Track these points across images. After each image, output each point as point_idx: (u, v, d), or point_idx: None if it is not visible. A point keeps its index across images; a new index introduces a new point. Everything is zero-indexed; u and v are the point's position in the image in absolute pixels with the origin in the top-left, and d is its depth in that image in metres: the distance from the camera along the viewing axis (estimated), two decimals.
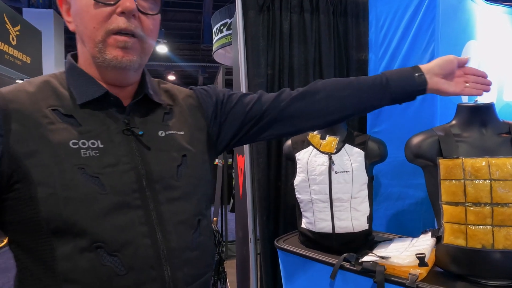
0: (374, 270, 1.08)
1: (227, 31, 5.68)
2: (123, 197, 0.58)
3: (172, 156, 0.66)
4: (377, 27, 1.59)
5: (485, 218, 0.98)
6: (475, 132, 1.07)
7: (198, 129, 0.75)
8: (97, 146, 0.59)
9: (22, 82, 0.64)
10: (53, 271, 0.55)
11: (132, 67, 0.63)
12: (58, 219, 0.54)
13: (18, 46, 4.22)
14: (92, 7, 0.59)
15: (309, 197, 1.37)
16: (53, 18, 6.95)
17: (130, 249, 0.57)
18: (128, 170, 0.60)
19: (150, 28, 0.64)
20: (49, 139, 0.56)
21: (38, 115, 0.58)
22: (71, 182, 0.55)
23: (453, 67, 0.81)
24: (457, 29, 1.48)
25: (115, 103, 0.64)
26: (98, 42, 0.60)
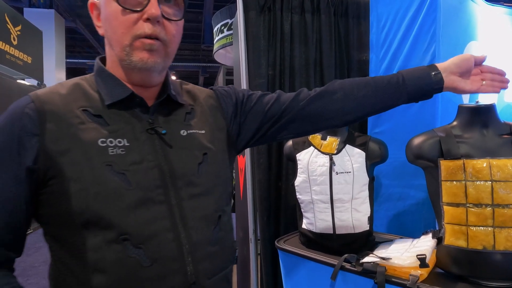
0: (375, 271, 1.08)
1: (228, 31, 5.67)
2: (147, 193, 0.62)
3: (193, 154, 0.69)
4: (378, 27, 1.59)
5: (486, 219, 0.98)
6: (476, 133, 1.07)
7: (218, 128, 0.77)
8: (123, 144, 0.63)
9: (55, 84, 0.68)
10: (84, 262, 0.58)
11: (157, 69, 0.66)
12: (88, 213, 0.58)
13: (19, 46, 4.22)
14: (120, 14, 0.63)
15: (310, 198, 1.37)
16: (54, 18, 6.97)
17: (154, 242, 0.60)
18: (152, 167, 0.64)
19: (173, 33, 0.67)
20: (80, 138, 0.60)
21: (70, 116, 0.62)
22: (100, 178, 0.59)
23: (469, 65, 0.81)
24: (458, 30, 1.48)
25: (140, 104, 0.67)
26: (125, 46, 0.63)
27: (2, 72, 3.92)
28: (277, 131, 0.82)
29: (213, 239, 0.67)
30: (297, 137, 0.92)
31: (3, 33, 3.92)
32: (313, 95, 0.81)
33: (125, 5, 0.62)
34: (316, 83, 1.87)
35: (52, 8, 7.01)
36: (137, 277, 0.59)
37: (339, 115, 0.81)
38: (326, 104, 0.80)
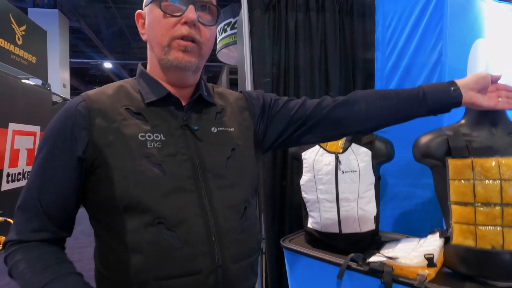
0: (382, 270, 1.07)
1: (231, 30, 5.66)
2: (180, 182, 0.68)
3: (222, 149, 0.76)
4: (384, 25, 1.58)
5: (495, 219, 0.97)
6: (484, 132, 1.06)
7: (246, 126, 0.84)
8: (160, 138, 0.70)
9: (104, 86, 0.77)
10: (124, 242, 0.65)
11: (191, 68, 0.73)
12: (129, 198, 0.65)
13: (24, 46, 4.24)
14: (162, 18, 0.71)
15: (316, 197, 1.36)
16: (58, 18, 6.99)
17: (185, 226, 0.66)
18: (185, 160, 0.71)
19: (208, 36, 0.75)
20: (123, 133, 0.68)
21: (115, 113, 0.70)
22: (139, 168, 0.66)
23: (487, 83, 0.86)
24: (465, 27, 1.46)
25: (175, 103, 0.75)
26: (164, 46, 0.72)
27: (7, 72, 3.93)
28: (301, 134, 0.87)
29: (239, 228, 0.72)
30: (321, 141, 0.97)
31: (8, 33, 3.94)
32: (337, 102, 0.86)
33: (166, 11, 0.71)
34: (321, 82, 1.87)
35: (56, 8, 7.03)
36: (170, 257, 0.65)
37: (362, 122, 0.86)
38: (349, 111, 0.86)
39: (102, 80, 13.58)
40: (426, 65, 1.42)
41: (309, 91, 1.85)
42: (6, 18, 3.81)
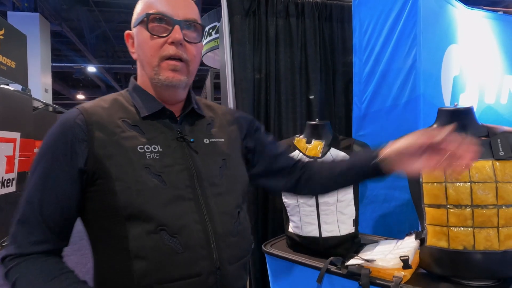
0: (359, 273, 1.09)
1: (216, 34, 5.66)
2: (179, 191, 0.72)
3: (215, 159, 0.80)
4: (361, 31, 1.61)
5: (466, 220, 1.00)
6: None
7: (234, 138, 0.88)
8: (158, 150, 0.73)
9: (97, 99, 0.79)
10: (126, 249, 0.67)
11: (181, 85, 0.77)
12: (132, 207, 0.68)
13: (2, 51, 4.14)
14: (149, 39, 0.75)
15: (296, 201, 1.37)
16: (39, 22, 6.85)
17: (186, 232, 0.69)
18: (182, 170, 0.74)
19: (194, 54, 0.78)
20: (123, 145, 0.71)
21: (113, 126, 0.73)
22: (141, 178, 0.69)
23: (418, 147, 0.74)
24: (438, 33, 1.51)
25: (170, 116, 0.79)
26: (154, 66, 0.76)
27: None
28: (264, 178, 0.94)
29: (234, 231, 0.76)
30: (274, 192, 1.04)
31: None
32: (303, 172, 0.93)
33: (153, 32, 0.75)
34: (302, 86, 1.89)
35: (37, 12, 6.89)
36: (172, 261, 0.68)
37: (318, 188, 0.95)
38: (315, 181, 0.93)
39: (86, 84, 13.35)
40: (401, 70, 1.46)
41: (290, 95, 1.86)
42: None
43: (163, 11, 0.75)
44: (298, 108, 1.86)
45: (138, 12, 0.79)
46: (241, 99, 1.79)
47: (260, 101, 1.85)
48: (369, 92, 1.58)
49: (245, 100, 1.79)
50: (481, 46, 1.72)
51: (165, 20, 0.75)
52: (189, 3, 0.80)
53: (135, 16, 0.80)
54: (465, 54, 1.63)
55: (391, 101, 1.50)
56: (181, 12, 0.76)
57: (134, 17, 0.80)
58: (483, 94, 1.73)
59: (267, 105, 1.86)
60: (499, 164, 1.00)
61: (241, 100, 1.79)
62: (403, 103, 1.46)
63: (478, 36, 1.71)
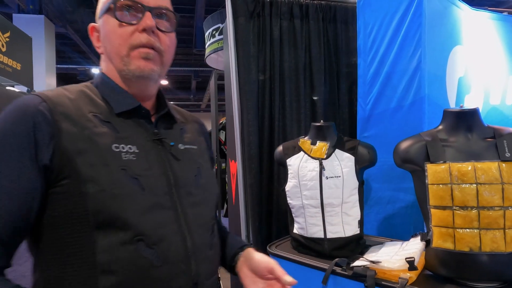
0: (365, 274, 1.09)
1: (219, 35, 5.68)
2: (158, 198, 0.65)
3: (190, 167, 0.75)
4: (365, 33, 1.61)
5: (472, 222, 1.00)
6: (461, 137, 1.09)
7: (204, 148, 0.85)
8: (134, 151, 0.66)
9: (58, 89, 0.68)
10: (91, 263, 0.58)
11: (154, 76, 0.71)
12: (106, 213, 0.59)
13: (8, 53, 4.17)
14: (118, 27, 0.68)
15: (301, 203, 1.37)
16: (44, 24, 6.90)
17: (165, 244, 0.63)
18: (160, 174, 0.67)
19: (167, 43, 0.72)
20: (95, 141, 0.62)
21: (83, 119, 0.64)
22: (117, 181, 0.61)
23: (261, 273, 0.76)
24: (443, 35, 1.50)
25: (145, 115, 0.72)
26: (123, 56, 0.68)
27: None
28: None
29: (210, 244, 0.72)
30: None
31: None
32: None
33: (122, 19, 0.68)
34: (306, 88, 1.89)
35: (42, 14, 6.94)
36: (148, 277, 0.60)
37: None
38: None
39: None
40: (406, 71, 1.46)
41: (294, 97, 1.87)
42: None
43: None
44: (302, 109, 1.86)
45: (103, 1, 0.71)
46: (245, 101, 1.80)
47: (265, 102, 1.85)
48: (373, 93, 1.58)
49: (249, 102, 1.79)
50: (486, 47, 1.72)
51: (134, 7, 0.68)
52: None
53: (100, 5, 0.72)
54: (470, 55, 1.63)
55: (396, 103, 1.50)
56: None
57: (99, 7, 0.72)
58: (488, 95, 1.72)
59: (271, 106, 1.86)
60: (505, 165, 1.00)
61: (245, 102, 1.80)
62: (407, 104, 1.45)
63: (483, 37, 1.71)
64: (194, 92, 13.54)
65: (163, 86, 13.12)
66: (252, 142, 1.79)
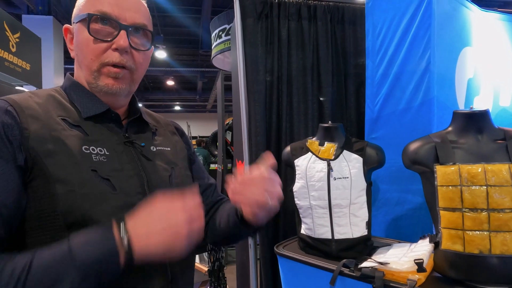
0: (373, 276, 1.09)
1: (226, 36, 5.70)
2: (130, 198, 0.65)
3: (163, 167, 0.76)
4: (374, 34, 1.61)
5: (482, 224, 0.99)
6: (471, 139, 1.09)
7: (180, 149, 0.86)
8: (104, 153, 0.66)
9: (25, 93, 0.68)
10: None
11: (122, 94, 0.72)
12: (76, 214, 0.59)
13: (18, 53, 4.23)
14: (92, 42, 0.68)
15: (308, 203, 1.38)
16: (53, 25, 6.98)
17: None
18: (132, 175, 0.68)
19: (140, 61, 0.73)
20: (65, 143, 0.62)
21: (52, 122, 0.64)
22: (87, 181, 0.61)
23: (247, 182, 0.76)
24: (452, 36, 1.50)
25: (115, 119, 0.73)
26: (93, 71, 0.69)
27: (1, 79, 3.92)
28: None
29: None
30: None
31: (1, 40, 3.94)
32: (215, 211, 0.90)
33: (96, 36, 0.68)
34: (314, 89, 1.89)
35: (51, 15, 7.02)
36: (122, 278, 0.58)
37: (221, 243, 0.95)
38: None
39: None
40: (415, 73, 1.45)
41: (301, 98, 1.87)
42: (0, 25, 3.81)
43: (108, 12, 0.67)
44: (310, 110, 1.87)
45: (79, 7, 0.70)
46: (253, 102, 1.80)
47: (272, 103, 1.86)
48: (382, 94, 1.58)
49: (257, 103, 1.80)
50: (496, 48, 1.71)
51: (109, 22, 0.68)
52: (139, 5, 0.73)
53: (76, 10, 0.71)
54: (479, 57, 1.62)
55: (404, 104, 1.50)
56: (129, 15, 0.69)
57: (75, 11, 0.71)
58: (497, 97, 1.71)
59: (279, 107, 1.87)
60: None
61: (253, 103, 1.80)
62: (416, 105, 1.45)
63: (492, 38, 1.70)
64: (200, 93, 13.59)
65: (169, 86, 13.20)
66: (259, 142, 1.79)
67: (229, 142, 4.40)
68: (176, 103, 16.81)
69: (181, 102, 16.92)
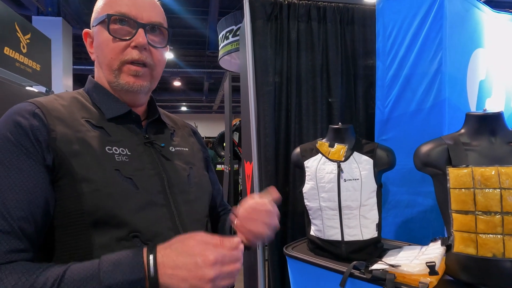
0: (384, 278, 1.08)
1: (233, 37, 5.72)
2: (151, 196, 0.68)
3: (182, 167, 0.78)
4: (385, 36, 1.61)
5: (496, 227, 0.98)
6: (484, 141, 1.08)
7: (197, 150, 0.88)
8: (126, 153, 0.69)
9: (50, 96, 0.72)
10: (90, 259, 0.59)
11: (143, 91, 0.74)
12: (101, 212, 0.61)
13: (28, 54, 4.29)
14: (111, 41, 0.71)
15: (318, 205, 1.37)
16: (62, 26, 7.06)
17: (160, 239, 0.63)
18: (153, 175, 0.71)
19: (159, 58, 0.75)
20: (89, 143, 0.65)
21: (76, 123, 0.67)
22: (111, 181, 0.64)
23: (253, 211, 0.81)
24: (464, 37, 1.49)
25: (135, 120, 0.75)
26: (114, 69, 0.72)
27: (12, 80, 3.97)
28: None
29: None
30: None
31: (13, 41, 3.99)
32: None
33: (115, 35, 0.70)
34: (323, 90, 1.89)
35: (60, 16, 7.10)
36: None
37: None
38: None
39: None
40: (426, 74, 1.44)
41: (310, 99, 1.87)
42: (12, 27, 3.86)
43: (125, 12, 0.70)
44: (319, 111, 1.86)
45: (98, 11, 0.74)
46: (262, 103, 1.81)
47: (281, 104, 1.86)
48: (392, 96, 1.57)
49: (266, 104, 1.80)
50: (508, 49, 1.69)
51: (127, 22, 0.71)
52: (154, 5, 0.76)
53: (94, 14, 0.75)
54: (491, 58, 1.61)
55: (415, 106, 1.49)
56: (145, 14, 0.72)
57: (94, 15, 0.75)
58: (510, 99, 1.69)
59: (288, 108, 1.87)
60: None
61: (262, 104, 1.81)
62: (427, 107, 1.44)
63: (504, 40, 1.68)
64: (206, 94, 13.63)
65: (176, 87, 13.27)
66: (268, 143, 1.79)
67: (236, 143, 4.41)
68: (183, 103, 16.89)
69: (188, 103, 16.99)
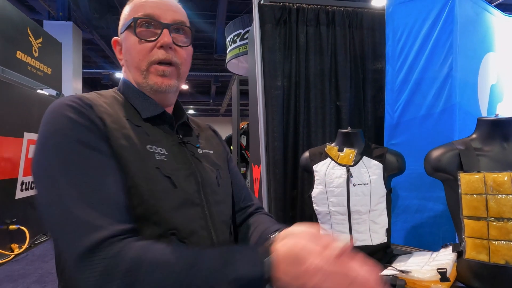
0: (394, 284, 1.07)
1: (241, 41, 5.75)
2: (188, 195, 0.70)
3: (210, 168, 0.80)
4: (394, 40, 1.60)
5: (508, 233, 0.97)
6: (496, 146, 1.07)
7: (221, 152, 0.90)
8: (164, 153, 0.71)
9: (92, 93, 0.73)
10: None
11: (171, 90, 0.76)
12: (142, 207, 0.63)
13: (40, 58, 4.36)
14: (138, 44, 0.74)
15: (327, 209, 1.37)
16: (72, 30, 7.17)
17: (195, 238, 0.67)
18: (189, 174, 0.73)
19: (184, 57, 0.78)
20: (133, 140, 0.67)
21: (120, 121, 0.69)
22: (153, 178, 0.66)
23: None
24: (475, 41, 1.48)
25: (168, 121, 0.78)
26: (143, 70, 0.74)
27: (23, 83, 4.04)
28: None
29: (229, 241, 0.77)
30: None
31: (25, 45, 4.06)
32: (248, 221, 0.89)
33: (141, 37, 0.74)
34: (331, 94, 1.89)
35: (70, 21, 7.22)
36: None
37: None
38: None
39: None
40: (436, 79, 1.44)
41: (319, 103, 1.87)
42: (24, 31, 3.93)
43: (150, 14, 0.74)
44: (328, 115, 1.86)
45: (125, 18, 0.78)
46: (270, 106, 1.81)
47: (290, 108, 1.86)
48: (402, 100, 1.56)
49: (274, 108, 1.81)
50: None
51: (152, 24, 0.74)
52: (176, 5, 0.79)
53: (121, 22, 0.78)
54: (502, 62, 1.59)
55: (425, 110, 1.48)
56: (169, 14, 0.75)
57: (121, 23, 0.78)
58: None
59: (297, 112, 1.87)
60: None
61: (271, 107, 1.81)
62: (438, 112, 1.43)
63: None
64: (213, 97, 13.70)
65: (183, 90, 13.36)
66: (276, 147, 1.80)
67: (243, 146, 4.42)
68: (190, 106, 17.00)
69: (195, 106, 17.09)
